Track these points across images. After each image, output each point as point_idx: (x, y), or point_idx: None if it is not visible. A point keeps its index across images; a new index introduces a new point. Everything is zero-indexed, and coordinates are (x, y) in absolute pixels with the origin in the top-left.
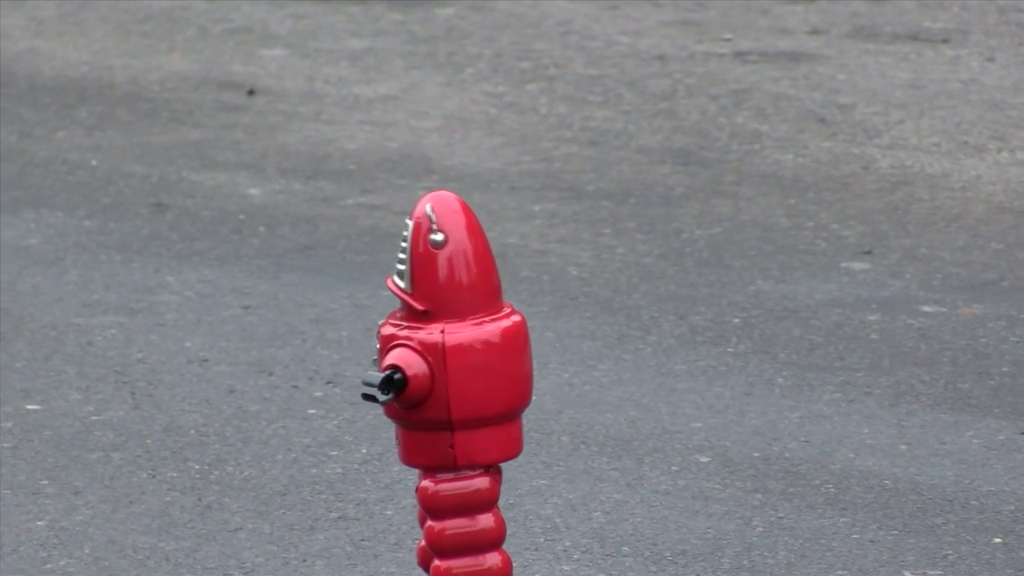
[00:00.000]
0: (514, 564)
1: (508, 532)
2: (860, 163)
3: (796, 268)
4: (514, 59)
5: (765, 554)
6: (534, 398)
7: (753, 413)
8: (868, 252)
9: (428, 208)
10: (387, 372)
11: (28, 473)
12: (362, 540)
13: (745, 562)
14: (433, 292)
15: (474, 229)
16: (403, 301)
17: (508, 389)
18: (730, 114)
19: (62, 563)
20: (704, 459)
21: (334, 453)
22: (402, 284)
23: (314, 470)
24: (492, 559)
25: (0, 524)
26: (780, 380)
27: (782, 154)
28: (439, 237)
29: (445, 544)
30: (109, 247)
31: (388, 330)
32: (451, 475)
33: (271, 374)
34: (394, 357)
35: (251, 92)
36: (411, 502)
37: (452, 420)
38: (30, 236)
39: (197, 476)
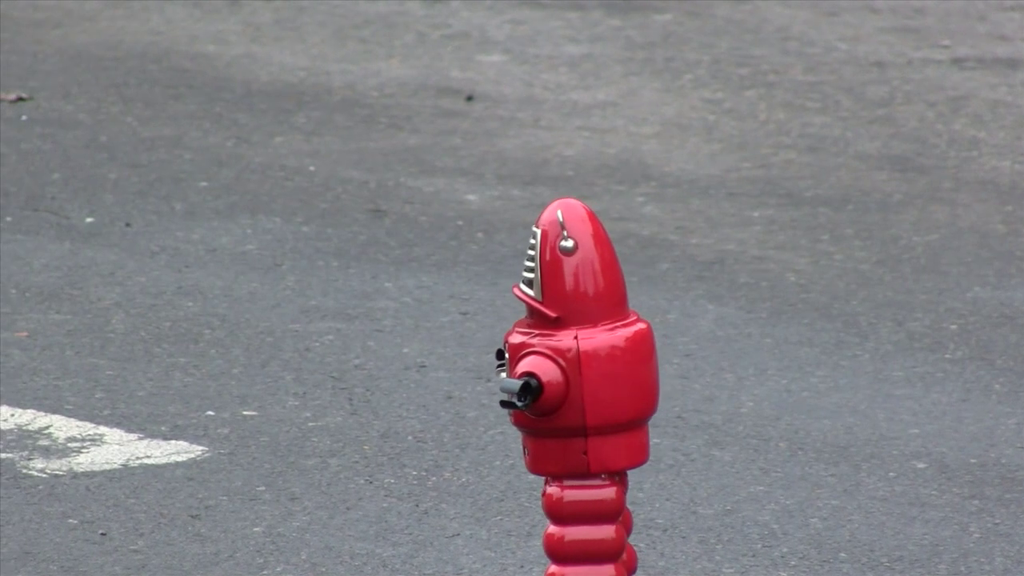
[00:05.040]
0: (730, 570)
1: (725, 539)
2: None
3: (1013, 275)
4: (732, 65)
5: (982, 560)
6: (751, 404)
7: (970, 419)
8: None
9: (559, 214)
10: (523, 379)
11: (245, 479)
12: None
13: (962, 568)
14: (563, 299)
15: (601, 236)
16: (533, 309)
17: (638, 395)
18: (948, 121)
19: (279, 569)
20: (921, 465)
21: None
22: (531, 292)
23: (531, 476)
24: (607, 571)
25: (217, 530)
26: (997, 387)
27: (999, 161)
28: (569, 244)
29: (564, 551)
30: (327, 253)
31: (517, 338)
32: (580, 482)
33: (489, 380)
34: (528, 364)
35: (469, 98)
36: None
37: (587, 426)
38: (247, 242)
39: (414, 482)
